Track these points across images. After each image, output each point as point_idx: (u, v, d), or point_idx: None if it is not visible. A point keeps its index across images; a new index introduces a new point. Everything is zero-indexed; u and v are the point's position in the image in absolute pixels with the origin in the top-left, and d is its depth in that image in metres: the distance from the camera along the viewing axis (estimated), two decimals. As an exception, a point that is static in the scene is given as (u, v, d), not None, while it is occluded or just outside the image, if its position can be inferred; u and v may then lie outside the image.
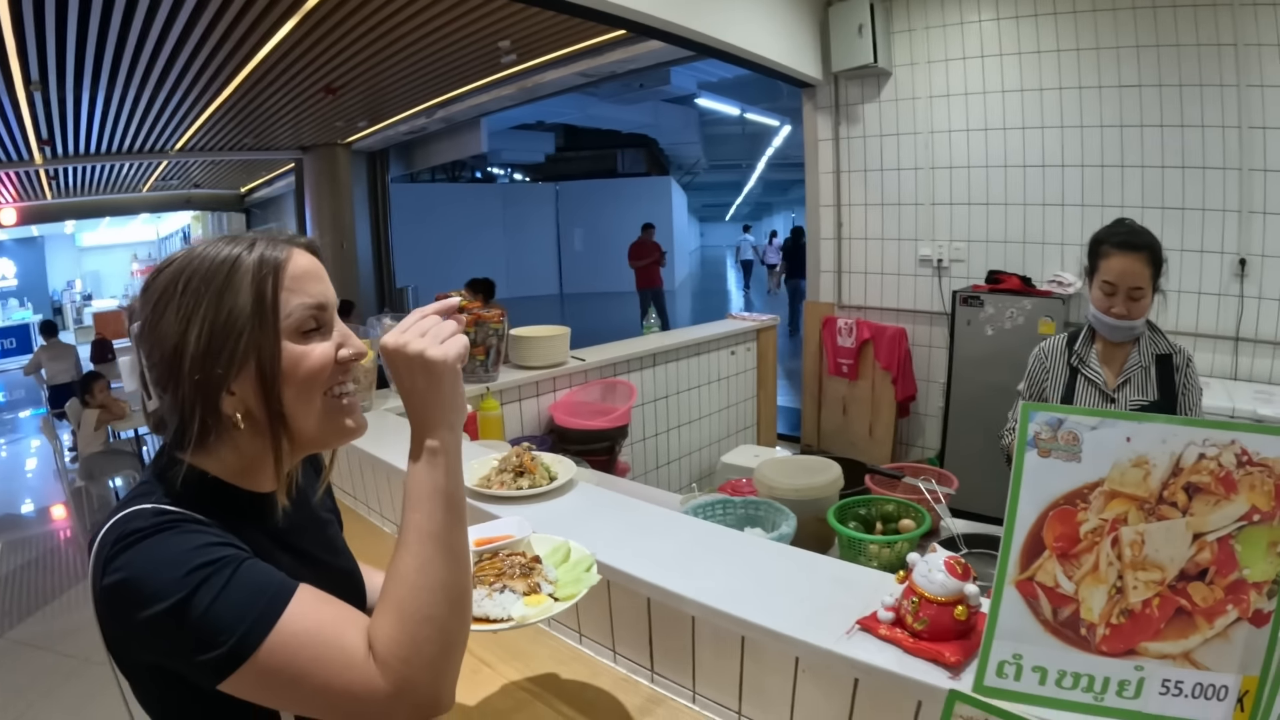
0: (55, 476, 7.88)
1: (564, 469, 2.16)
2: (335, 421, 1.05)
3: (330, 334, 1.04)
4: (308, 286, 1.02)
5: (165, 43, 5.80)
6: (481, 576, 1.31)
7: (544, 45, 6.76)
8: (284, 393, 1.00)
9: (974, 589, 1.24)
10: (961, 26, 5.03)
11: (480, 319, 3.35)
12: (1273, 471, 1.06)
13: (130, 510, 0.92)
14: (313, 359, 1.01)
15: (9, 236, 19.77)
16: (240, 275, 0.98)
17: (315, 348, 1.01)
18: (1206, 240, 4.32)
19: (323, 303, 1.04)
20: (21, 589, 5.15)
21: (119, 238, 22.80)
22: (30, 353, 14.89)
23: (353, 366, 1.06)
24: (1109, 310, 2.31)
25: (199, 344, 0.95)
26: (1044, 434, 1.10)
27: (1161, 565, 1.09)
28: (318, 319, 1.03)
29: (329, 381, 1.03)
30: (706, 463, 4.82)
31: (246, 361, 0.97)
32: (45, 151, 9.68)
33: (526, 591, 1.28)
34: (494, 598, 1.26)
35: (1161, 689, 1.10)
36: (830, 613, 1.37)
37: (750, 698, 1.46)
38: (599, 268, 20.80)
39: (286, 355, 0.99)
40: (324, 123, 10.31)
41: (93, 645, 4.16)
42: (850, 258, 5.99)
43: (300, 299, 1.01)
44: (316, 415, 1.03)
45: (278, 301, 0.99)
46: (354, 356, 1.05)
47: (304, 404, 1.01)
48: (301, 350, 1.00)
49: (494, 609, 1.24)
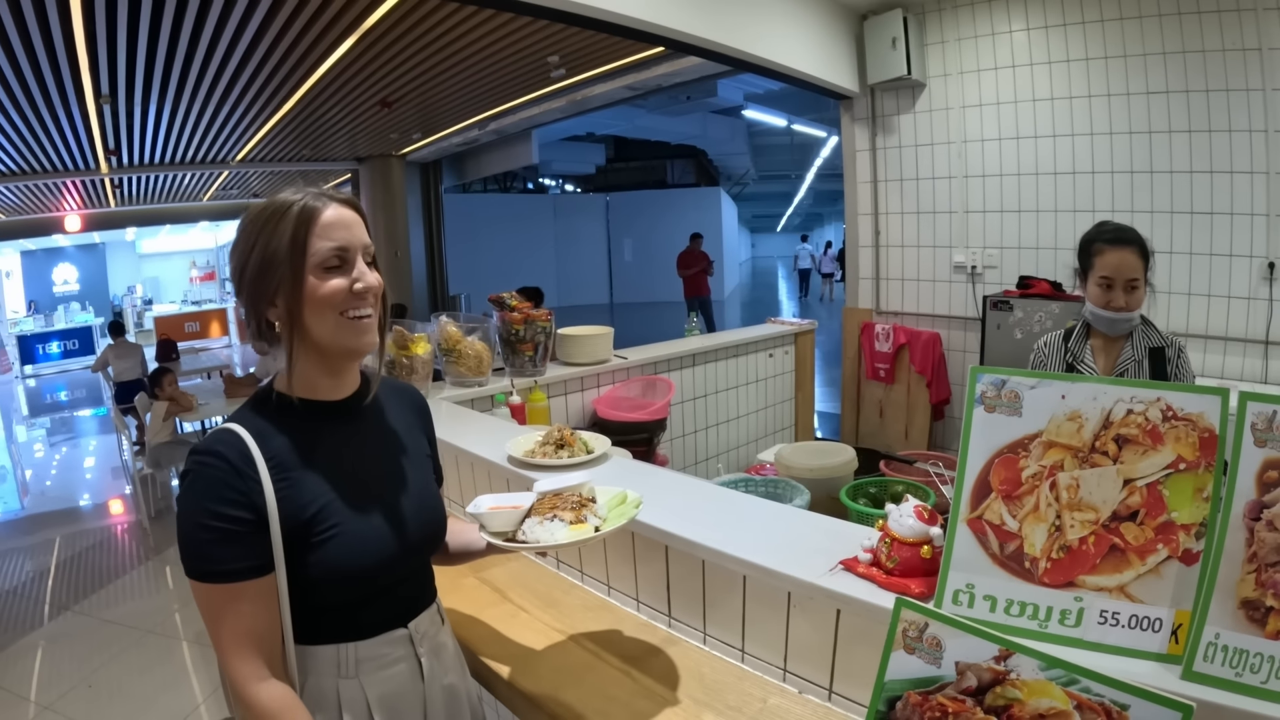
0: (120, 466, 8.24)
1: (600, 444, 2.35)
2: (344, 335, 1.31)
3: (351, 271, 1.31)
4: (333, 233, 1.29)
5: (230, 59, 5.96)
6: (538, 509, 1.49)
7: (591, 60, 6.87)
8: (305, 310, 1.29)
9: (938, 531, 1.42)
10: (993, 38, 5.12)
11: (530, 317, 3.56)
12: (1196, 425, 1.20)
13: (214, 430, 1.30)
14: (327, 287, 1.28)
15: (72, 243, 20.19)
16: (286, 220, 1.27)
17: (333, 280, 1.29)
18: (1236, 244, 4.35)
19: (345, 245, 1.31)
20: (89, 569, 5.48)
21: (178, 245, 23.07)
22: (92, 353, 15.49)
23: (366, 295, 1.32)
24: (1108, 304, 2.43)
25: (253, 267, 1.28)
26: (989, 392, 1.28)
27: (1095, 506, 1.24)
28: (340, 258, 1.30)
29: (342, 305, 1.29)
30: (744, 460, 4.93)
31: (283, 284, 1.27)
32: (111, 161, 9.87)
33: (573, 521, 1.45)
34: (544, 524, 1.44)
35: (1100, 619, 1.23)
36: (818, 556, 1.56)
37: (751, 633, 1.65)
38: (649, 277, 20.85)
39: (310, 283, 1.28)
40: (379, 135, 10.46)
41: (154, 618, 4.48)
42: (887, 265, 6.09)
43: (326, 242, 1.28)
44: (330, 329, 1.30)
45: (308, 243, 1.27)
46: (365, 289, 1.31)
47: (319, 319, 1.29)
48: (319, 283, 1.28)
49: (543, 534, 1.43)
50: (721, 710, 1.51)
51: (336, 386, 1.39)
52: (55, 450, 9.86)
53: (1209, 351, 4.44)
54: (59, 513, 6.99)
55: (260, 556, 1.22)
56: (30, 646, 4.34)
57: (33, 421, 12.08)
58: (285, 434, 1.31)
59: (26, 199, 12.63)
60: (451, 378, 3.37)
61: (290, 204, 1.29)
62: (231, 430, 1.27)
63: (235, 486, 1.21)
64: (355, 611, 1.34)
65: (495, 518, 1.49)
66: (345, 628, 1.34)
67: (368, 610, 1.36)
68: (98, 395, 12.87)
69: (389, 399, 1.54)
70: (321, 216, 1.29)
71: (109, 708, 3.68)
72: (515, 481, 2.31)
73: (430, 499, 1.51)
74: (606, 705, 1.54)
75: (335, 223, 1.30)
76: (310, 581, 1.27)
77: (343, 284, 1.29)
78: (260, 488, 1.23)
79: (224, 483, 1.21)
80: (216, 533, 1.19)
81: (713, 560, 1.66)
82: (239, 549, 1.21)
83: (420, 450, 1.56)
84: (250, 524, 1.21)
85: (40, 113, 7.10)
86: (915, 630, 1.13)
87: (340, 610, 1.33)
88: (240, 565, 1.21)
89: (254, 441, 1.26)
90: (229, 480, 1.21)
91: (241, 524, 1.21)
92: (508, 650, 1.76)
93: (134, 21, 4.96)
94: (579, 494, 1.54)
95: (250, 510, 1.21)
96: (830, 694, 1.52)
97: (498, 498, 1.55)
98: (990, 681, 1.08)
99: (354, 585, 1.32)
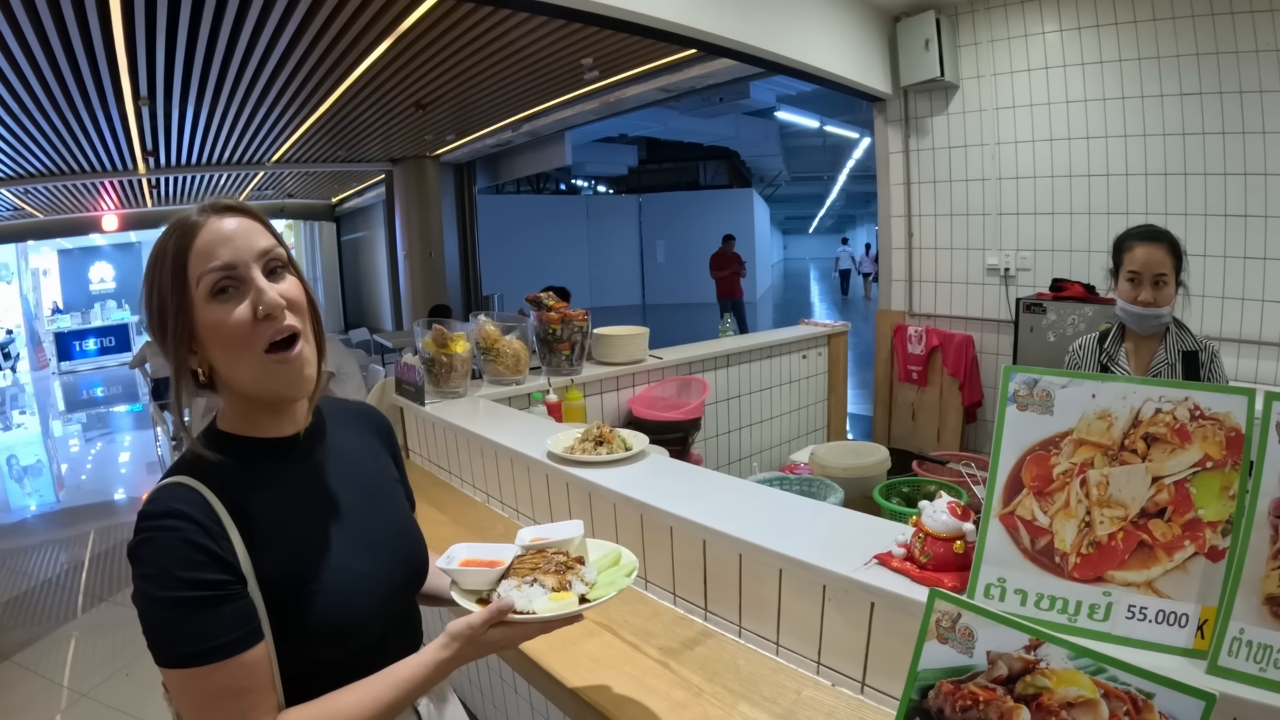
0: (155, 461, 8.41)
1: (638, 441, 2.40)
2: (272, 380, 1.14)
3: (248, 291, 1.11)
4: (216, 251, 1.09)
5: (268, 61, 6.05)
6: (518, 568, 1.30)
7: (625, 62, 6.92)
8: (216, 353, 1.12)
9: (971, 527, 1.46)
10: (1025, 39, 5.11)
11: (567, 317, 3.61)
12: (1223, 424, 1.22)
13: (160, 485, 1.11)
14: (227, 322, 1.09)
15: (108, 242, 20.49)
16: (166, 254, 1.11)
17: (229, 310, 1.09)
18: (1270, 247, 4.30)
19: (230, 262, 1.10)
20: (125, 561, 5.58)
21: (214, 244, 23.35)
22: (128, 350, 15.77)
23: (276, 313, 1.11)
24: (1136, 299, 2.46)
25: (152, 314, 1.13)
26: (1022, 391, 1.32)
27: (1124, 503, 1.27)
28: (231, 279, 1.10)
29: (252, 338, 1.10)
30: (777, 461, 4.95)
31: (182, 326, 1.10)
32: (149, 162, 9.98)
33: (555, 588, 1.26)
34: (522, 589, 1.25)
35: (1128, 614, 1.26)
36: (853, 550, 1.60)
37: (786, 627, 1.70)
38: (681, 279, 20.89)
39: (205, 320, 1.10)
40: (413, 136, 10.54)
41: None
42: (920, 267, 6.08)
43: (206, 264, 1.09)
44: (254, 374, 1.13)
45: (184, 273, 1.09)
46: (272, 305, 1.10)
47: (235, 363, 1.12)
48: (219, 316, 1.09)
49: (520, 600, 1.23)
50: (756, 701, 1.55)
51: (284, 422, 1.23)
52: (91, 445, 10.05)
53: (1243, 356, 4.40)
54: (94, 506, 7.13)
55: (250, 621, 1.06)
56: (66, 636, 4.45)
57: (69, 416, 12.31)
58: (241, 480, 1.14)
59: (64, 199, 12.83)
60: (489, 376, 3.43)
61: (168, 230, 1.13)
62: (183, 484, 1.09)
63: (206, 548, 1.04)
64: (342, 673, 1.15)
65: (468, 575, 1.31)
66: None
67: (359, 669, 1.17)
68: (133, 391, 13.10)
69: (346, 424, 1.38)
70: (198, 237, 1.10)
71: (147, 696, 3.75)
72: (554, 477, 2.36)
73: (409, 531, 1.38)
74: (644, 695, 1.59)
75: (214, 239, 1.10)
76: (295, 644, 1.12)
77: (243, 312, 1.10)
78: (231, 545, 1.07)
79: (193, 544, 1.03)
80: (198, 603, 1.02)
81: (750, 554, 1.71)
82: (227, 617, 1.04)
83: (389, 477, 1.41)
84: (231, 585, 1.05)
85: (79, 114, 7.22)
86: (948, 620, 1.16)
87: (328, 672, 1.15)
88: (232, 636, 1.03)
89: (211, 493, 1.09)
90: (197, 540, 1.04)
91: (223, 587, 1.04)
92: (547, 641, 1.80)
93: (173, 24, 5.05)
94: (565, 552, 1.36)
95: (228, 571, 1.05)
96: (863, 687, 1.56)
97: (473, 548, 1.38)
98: (1020, 670, 1.11)
99: (343, 641, 1.17)
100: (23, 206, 13.07)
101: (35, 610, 4.85)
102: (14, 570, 5.56)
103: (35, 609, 4.88)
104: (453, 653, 1.17)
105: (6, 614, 4.80)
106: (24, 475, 8.61)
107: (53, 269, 20.36)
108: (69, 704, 3.74)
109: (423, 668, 1.16)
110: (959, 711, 1.13)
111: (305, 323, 1.16)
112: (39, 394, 14.45)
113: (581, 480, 2.24)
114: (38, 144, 8.35)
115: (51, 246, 19.70)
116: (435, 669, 1.17)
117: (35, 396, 14.32)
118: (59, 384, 15.31)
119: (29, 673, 4.02)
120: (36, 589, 5.21)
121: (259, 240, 1.13)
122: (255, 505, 1.12)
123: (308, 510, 1.20)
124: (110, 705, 3.70)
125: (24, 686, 3.91)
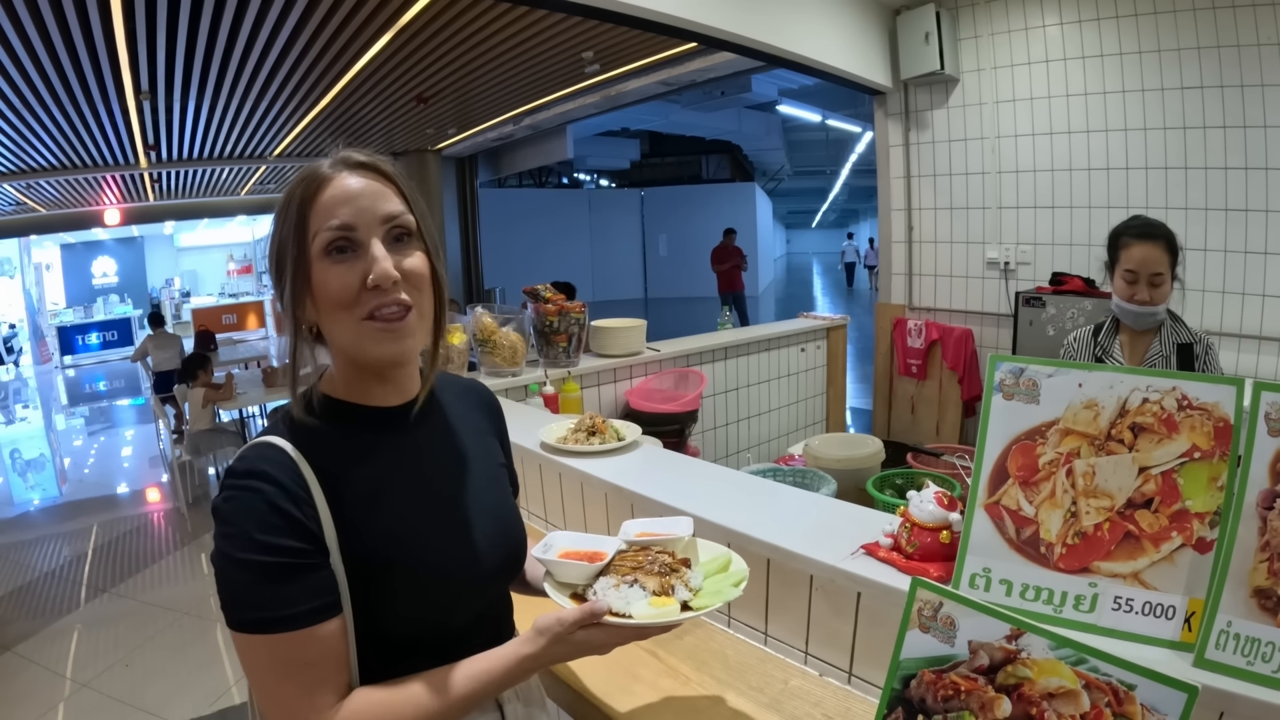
0: (158, 455, 8.43)
1: (630, 431, 2.40)
2: (366, 343, 1.07)
3: (363, 257, 1.06)
4: (336, 209, 1.06)
5: (269, 55, 6.02)
6: (619, 565, 1.19)
7: (626, 56, 6.88)
8: (321, 310, 1.07)
9: (957, 517, 1.45)
10: (1025, 33, 5.09)
11: (564, 309, 3.62)
12: (1211, 414, 1.21)
13: (250, 444, 1.07)
14: (332, 283, 1.05)
15: (111, 236, 20.53)
16: (291, 203, 1.07)
17: (340, 273, 1.05)
18: (1270, 241, 4.29)
19: (347, 223, 1.06)
20: (127, 553, 5.64)
21: (216, 238, 23.29)
22: (130, 345, 15.82)
23: (388, 286, 1.06)
24: (1132, 298, 2.45)
25: (272, 262, 1.11)
26: (1008, 380, 1.31)
27: (1110, 494, 1.26)
28: (348, 240, 1.06)
29: (359, 305, 1.06)
30: (774, 454, 4.94)
31: (296, 278, 1.07)
32: (150, 156, 9.92)
33: (657, 591, 1.14)
34: (620, 589, 1.14)
35: (1114, 605, 1.25)
36: (841, 540, 1.60)
37: (774, 617, 1.70)
38: (683, 273, 20.85)
39: (318, 277, 1.06)
40: (415, 130, 10.48)
41: (190, 601, 4.60)
42: (920, 260, 6.08)
43: (325, 221, 1.05)
44: (348, 336, 1.07)
45: (306, 226, 1.06)
46: (383, 277, 1.05)
47: (335, 323, 1.07)
48: (328, 275, 1.05)
49: (617, 601, 1.12)
50: (744, 690, 1.55)
51: (391, 392, 1.16)
52: (94, 439, 10.08)
53: (1243, 351, 4.39)
54: (97, 499, 7.16)
55: (328, 593, 1.01)
56: (68, 628, 4.48)
57: (72, 410, 12.35)
58: (336, 448, 1.09)
59: (66, 193, 12.80)
60: (486, 368, 3.43)
61: (298, 179, 1.10)
62: (273, 444, 1.05)
63: (289, 512, 0.99)
64: (424, 658, 1.10)
65: (565, 568, 1.20)
66: None
67: (442, 656, 1.11)
68: (136, 385, 13.16)
69: (455, 400, 1.31)
70: (324, 191, 1.07)
71: (146, 686, 3.78)
72: (547, 466, 2.36)
73: (509, 516, 1.29)
74: (632, 684, 1.59)
75: (337, 196, 1.07)
76: (376, 623, 1.07)
77: (352, 278, 1.05)
78: (316, 513, 1.02)
79: (276, 508, 0.99)
80: (275, 570, 0.97)
81: (737, 543, 1.70)
82: (304, 587, 0.99)
83: (494, 459, 1.33)
84: (312, 555, 1.01)
85: (81, 109, 7.19)
86: (930, 610, 1.16)
87: (409, 656, 1.10)
88: (308, 606, 0.99)
89: (302, 457, 1.05)
90: (280, 505, 0.99)
91: (303, 555, 1.00)
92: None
93: (173, 19, 5.03)
94: (671, 552, 1.23)
95: (309, 540, 1.01)
96: (850, 676, 1.56)
97: (574, 538, 1.28)
98: (1002, 660, 1.10)
99: (427, 626, 1.12)
100: (25, 201, 13.03)
101: (37, 602, 4.88)
102: (17, 563, 5.59)
103: (37, 601, 4.90)
104: (538, 649, 1.09)
105: (9, 606, 4.83)
106: (27, 469, 8.63)
107: (55, 263, 20.39)
108: (70, 694, 3.75)
109: (503, 662, 1.10)
110: (940, 701, 1.13)
111: (423, 298, 1.11)
112: (42, 388, 14.52)
113: (574, 470, 2.24)
114: (39, 138, 8.32)
115: (54, 241, 19.73)
116: (517, 664, 1.09)
117: (38, 390, 14.39)
118: (62, 378, 15.37)
119: (30, 663, 4.05)
120: (39, 581, 5.24)
121: (385, 204, 1.09)
122: (348, 475, 1.08)
123: (405, 487, 1.14)
124: (110, 695, 3.71)
125: (26, 676, 3.93)
